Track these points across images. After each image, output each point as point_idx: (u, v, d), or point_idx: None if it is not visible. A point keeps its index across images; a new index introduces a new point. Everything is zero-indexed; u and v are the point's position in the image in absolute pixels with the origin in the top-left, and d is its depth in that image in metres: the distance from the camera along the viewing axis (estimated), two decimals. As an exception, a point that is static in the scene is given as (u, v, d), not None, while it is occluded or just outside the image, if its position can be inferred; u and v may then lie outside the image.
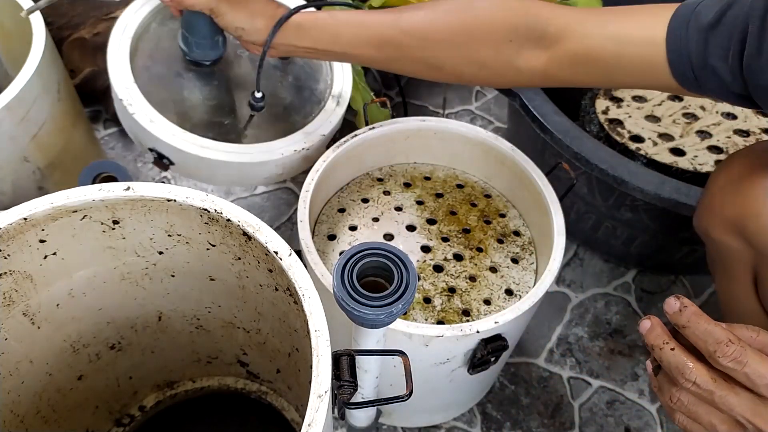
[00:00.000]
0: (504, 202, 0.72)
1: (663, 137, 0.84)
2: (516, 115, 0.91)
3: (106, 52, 0.68)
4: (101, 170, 0.62)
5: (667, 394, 0.41)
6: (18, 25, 0.75)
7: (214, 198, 0.45)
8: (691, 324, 0.38)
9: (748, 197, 0.50)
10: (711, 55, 0.46)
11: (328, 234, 0.68)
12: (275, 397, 0.71)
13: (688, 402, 0.40)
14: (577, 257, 0.94)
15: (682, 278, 0.93)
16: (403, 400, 0.41)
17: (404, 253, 0.39)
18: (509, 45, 0.55)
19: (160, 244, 0.50)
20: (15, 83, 0.66)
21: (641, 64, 0.50)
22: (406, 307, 0.38)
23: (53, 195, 0.43)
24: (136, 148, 1.02)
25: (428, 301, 0.62)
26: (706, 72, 0.47)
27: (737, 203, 0.51)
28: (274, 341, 0.58)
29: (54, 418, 0.58)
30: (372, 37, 0.58)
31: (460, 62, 0.58)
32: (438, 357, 0.58)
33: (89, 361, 0.59)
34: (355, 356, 0.40)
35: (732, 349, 0.37)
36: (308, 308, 0.40)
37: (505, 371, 0.82)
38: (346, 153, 0.68)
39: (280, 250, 0.43)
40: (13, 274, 0.45)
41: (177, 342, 0.64)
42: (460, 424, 0.77)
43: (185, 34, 0.68)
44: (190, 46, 0.68)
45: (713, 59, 0.46)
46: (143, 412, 0.69)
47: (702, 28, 0.46)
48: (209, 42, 0.68)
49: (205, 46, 0.68)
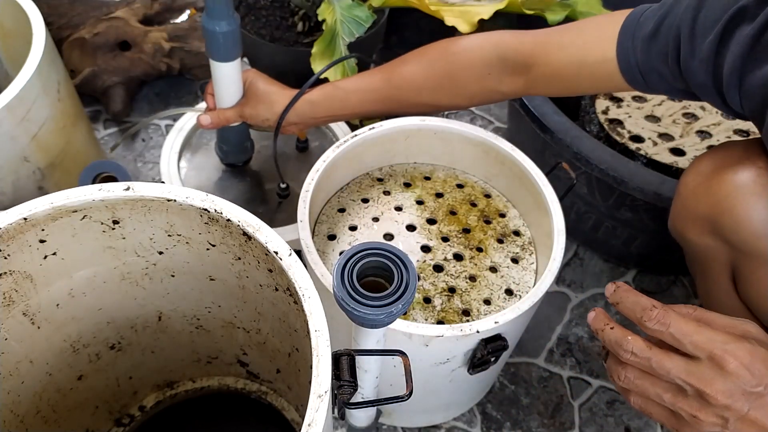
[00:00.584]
0: (504, 202, 0.72)
1: (663, 137, 0.84)
2: (516, 115, 0.91)
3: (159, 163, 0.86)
4: (101, 170, 0.62)
5: (616, 374, 0.43)
6: (18, 25, 0.75)
7: (214, 198, 0.45)
8: (622, 299, 0.43)
9: (720, 194, 0.52)
10: (654, 61, 0.52)
11: (328, 234, 0.68)
12: (275, 397, 0.71)
13: (634, 377, 0.42)
14: (577, 257, 0.94)
15: (682, 278, 0.93)
16: (403, 400, 0.41)
17: (404, 253, 0.39)
18: (489, 77, 0.63)
19: (160, 244, 0.50)
20: (15, 83, 0.66)
21: (599, 77, 0.57)
22: (406, 307, 0.38)
23: (53, 195, 0.43)
24: (136, 148, 1.02)
25: (428, 301, 0.62)
26: (653, 75, 0.54)
27: (710, 202, 0.53)
28: (274, 341, 0.58)
29: (54, 418, 0.58)
30: (374, 98, 0.68)
31: (452, 99, 0.67)
32: (438, 357, 0.58)
33: (89, 361, 0.59)
34: (355, 356, 0.40)
35: (655, 313, 0.40)
36: (308, 308, 0.40)
37: (505, 371, 0.82)
38: (346, 153, 0.68)
39: (280, 250, 0.43)
40: (13, 274, 0.45)
41: (177, 342, 0.64)
42: (460, 424, 0.77)
43: (220, 145, 0.83)
44: (226, 154, 0.84)
45: (656, 64, 0.52)
46: (143, 412, 0.69)
47: (644, 38, 0.52)
48: (240, 148, 0.83)
49: (237, 151, 0.84)
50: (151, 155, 1.02)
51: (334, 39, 0.81)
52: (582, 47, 0.57)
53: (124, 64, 1.00)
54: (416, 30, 1.15)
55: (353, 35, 0.81)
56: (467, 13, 0.83)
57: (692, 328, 0.39)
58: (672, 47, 0.51)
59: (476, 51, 0.62)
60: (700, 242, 0.56)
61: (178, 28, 1.03)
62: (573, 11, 0.82)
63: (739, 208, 0.52)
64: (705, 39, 0.48)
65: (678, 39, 0.50)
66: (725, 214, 0.52)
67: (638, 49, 0.53)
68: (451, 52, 0.64)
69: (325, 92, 0.69)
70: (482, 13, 0.83)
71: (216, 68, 0.69)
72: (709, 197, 0.53)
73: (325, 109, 0.69)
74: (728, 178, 0.52)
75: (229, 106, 0.74)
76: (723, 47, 0.47)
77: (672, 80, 0.53)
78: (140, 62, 1.01)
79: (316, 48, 0.81)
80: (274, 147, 0.76)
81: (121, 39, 1.00)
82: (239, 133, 0.80)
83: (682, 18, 0.49)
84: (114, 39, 0.99)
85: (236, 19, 0.65)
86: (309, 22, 0.93)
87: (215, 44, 0.66)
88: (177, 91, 1.11)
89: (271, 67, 0.97)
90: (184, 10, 1.08)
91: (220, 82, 0.71)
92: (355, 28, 0.82)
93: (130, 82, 1.02)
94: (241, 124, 0.77)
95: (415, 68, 0.66)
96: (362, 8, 0.82)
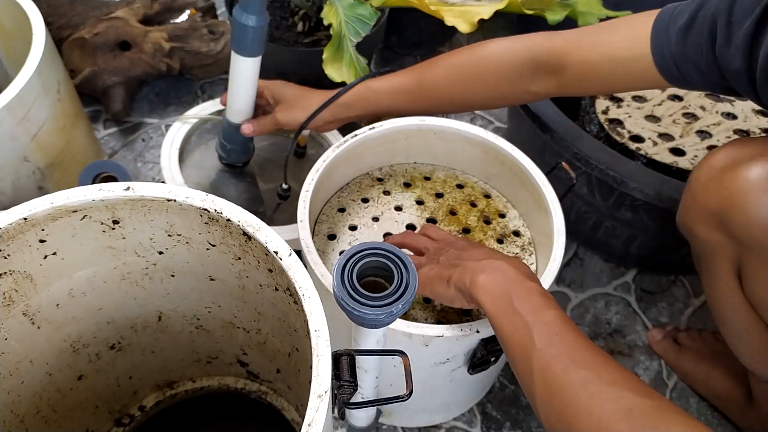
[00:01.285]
0: (504, 202, 0.72)
1: (663, 137, 0.84)
2: (516, 115, 0.91)
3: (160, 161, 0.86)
4: (101, 170, 0.62)
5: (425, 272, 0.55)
6: (18, 25, 0.75)
7: (214, 198, 0.45)
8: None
9: (732, 189, 0.52)
10: (689, 52, 0.53)
11: (328, 234, 0.68)
12: (275, 397, 0.71)
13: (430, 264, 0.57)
14: (577, 257, 0.94)
15: (682, 278, 0.93)
16: (403, 400, 0.41)
17: (404, 253, 0.39)
18: (521, 78, 0.64)
19: (160, 244, 0.50)
20: (15, 83, 0.66)
21: (634, 73, 0.58)
22: (406, 307, 0.38)
23: (53, 195, 0.43)
24: (136, 148, 1.02)
25: (428, 301, 0.62)
26: (688, 67, 0.54)
27: (721, 196, 0.53)
28: (274, 341, 0.58)
29: (54, 418, 0.58)
30: (406, 99, 0.70)
31: (484, 101, 0.69)
32: (438, 357, 0.58)
33: (89, 361, 0.59)
34: (355, 356, 0.40)
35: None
36: (308, 308, 0.40)
37: (505, 371, 0.82)
38: (346, 153, 0.68)
39: (280, 250, 0.43)
40: (13, 274, 0.45)
41: (177, 342, 0.64)
42: (460, 424, 0.77)
43: (223, 143, 0.82)
44: (228, 153, 0.83)
45: (692, 55, 0.53)
46: (143, 412, 0.69)
47: (679, 30, 0.53)
48: (244, 147, 0.83)
49: (240, 151, 0.83)
50: (151, 155, 1.02)
51: (342, 41, 0.81)
52: (615, 44, 0.58)
53: (124, 64, 1.00)
54: (416, 30, 1.15)
55: (359, 35, 0.81)
56: (467, 13, 0.83)
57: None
58: (707, 36, 0.51)
59: (507, 53, 0.64)
60: (707, 237, 0.56)
61: (178, 28, 1.03)
62: (573, 11, 0.82)
63: (751, 204, 0.51)
64: (741, 26, 0.48)
65: (714, 28, 0.50)
66: (735, 210, 0.52)
67: (673, 42, 0.53)
68: (480, 56, 0.66)
69: (359, 94, 0.72)
70: (482, 13, 0.83)
71: (239, 62, 0.71)
72: (721, 192, 0.53)
73: (359, 109, 0.73)
74: (741, 174, 0.52)
75: (245, 102, 0.76)
76: (760, 33, 0.47)
77: (707, 71, 0.53)
78: (140, 62, 1.01)
79: (327, 53, 0.81)
80: (292, 147, 0.80)
81: (121, 39, 1.00)
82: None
83: (718, 7, 0.50)
84: (114, 39, 0.99)
85: (266, 17, 0.67)
86: (309, 22, 0.93)
87: (244, 38, 0.68)
88: (177, 91, 1.11)
89: (271, 67, 0.96)
90: (184, 10, 1.08)
91: (239, 78, 0.73)
92: (361, 27, 0.81)
93: (130, 82, 1.02)
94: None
95: (445, 71, 0.68)
96: (365, 6, 0.82)
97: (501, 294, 0.48)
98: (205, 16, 1.09)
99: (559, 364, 0.43)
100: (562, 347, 0.44)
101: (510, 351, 0.48)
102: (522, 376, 0.46)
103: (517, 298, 0.48)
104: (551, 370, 0.43)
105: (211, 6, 1.11)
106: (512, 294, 0.48)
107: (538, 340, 0.45)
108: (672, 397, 0.81)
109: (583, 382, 0.41)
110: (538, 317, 0.46)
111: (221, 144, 0.83)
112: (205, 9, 1.10)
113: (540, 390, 0.44)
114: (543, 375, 0.44)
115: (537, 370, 0.44)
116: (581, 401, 0.41)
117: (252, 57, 0.70)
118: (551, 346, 0.44)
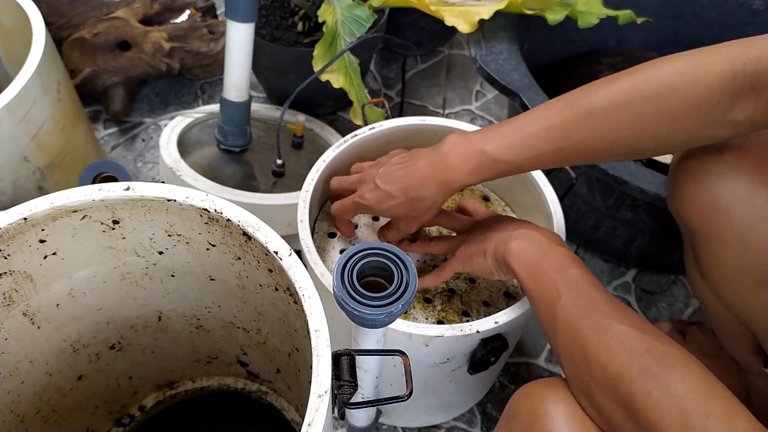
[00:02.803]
0: (503, 206, 0.73)
1: (663, 137, 0.84)
2: (516, 114, 0.91)
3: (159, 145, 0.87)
4: (101, 170, 0.62)
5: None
6: (18, 25, 0.75)
7: (214, 198, 0.45)
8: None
9: (678, 179, 0.57)
10: None
11: (328, 231, 0.68)
12: (275, 397, 0.71)
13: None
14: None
15: (682, 278, 0.93)
16: (403, 400, 0.41)
17: (404, 253, 0.39)
18: (718, 106, 0.46)
19: (160, 244, 0.50)
20: (15, 83, 0.66)
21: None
22: (406, 307, 0.38)
23: (53, 195, 0.43)
24: (136, 148, 1.02)
25: (428, 301, 0.62)
26: None
27: (672, 184, 0.59)
28: (274, 341, 0.58)
29: (54, 418, 0.58)
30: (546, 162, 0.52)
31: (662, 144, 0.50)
32: (438, 357, 0.58)
33: (89, 361, 0.59)
34: (355, 356, 0.40)
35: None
36: (308, 308, 0.40)
37: (505, 371, 0.82)
38: (346, 153, 0.68)
39: (280, 250, 0.43)
40: (13, 274, 0.45)
41: (177, 342, 0.64)
42: (460, 424, 0.77)
43: (220, 125, 0.83)
44: (225, 135, 0.83)
45: None
46: (143, 412, 0.69)
47: None
48: (240, 130, 0.83)
49: (237, 134, 0.83)
50: (151, 155, 1.02)
51: (335, 40, 0.81)
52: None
53: (124, 64, 1.00)
54: (416, 30, 1.15)
55: (354, 35, 0.81)
56: (467, 13, 0.83)
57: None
58: None
59: (698, 74, 0.45)
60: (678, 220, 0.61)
61: (178, 28, 1.03)
62: (573, 11, 0.82)
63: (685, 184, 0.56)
64: None
65: None
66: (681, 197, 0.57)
67: None
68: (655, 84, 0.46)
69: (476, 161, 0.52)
70: (482, 13, 0.83)
71: (232, 30, 0.72)
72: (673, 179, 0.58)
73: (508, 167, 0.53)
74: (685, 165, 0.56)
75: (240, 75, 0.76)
76: None
77: None
78: (140, 62, 1.01)
79: (318, 50, 0.81)
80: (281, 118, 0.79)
81: (121, 39, 1.00)
82: (241, 112, 0.82)
83: None
84: (114, 39, 0.99)
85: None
86: (309, 22, 0.93)
87: (237, 1, 0.70)
88: (177, 91, 1.11)
89: (271, 67, 0.97)
90: (184, 10, 1.08)
91: (233, 47, 0.74)
92: (356, 28, 0.82)
93: (130, 82, 1.02)
94: (244, 102, 0.80)
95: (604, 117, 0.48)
96: (363, 8, 0.82)
97: (532, 258, 0.50)
98: (205, 16, 1.09)
99: (582, 311, 0.45)
100: (585, 299, 0.46)
101: (537, 307, 0.50)
102: (547, 330, 0.48)
103: (546, 260, 0.50)
104: (574, 316, 0.45)
105: (211, 6, 1.11)
106: (542, 257, 0.50)
107: (563, 293, 0.47)
108: (672, 397, 0.81)
109: (603, 325, 0.43)
110: (563, 275, 0.48)
111: (219, 127, 0.84)
112: (205, 9, 1.10)
113: (563, 335, 0.46)
114: (566, 321, 0.46)
115: (561, 317, 0.46)
116: (602, 339, 0.43)
117: (245, 23, 0.71)
118: (575, 298, 0.46)
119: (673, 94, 0.46)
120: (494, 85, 0.80)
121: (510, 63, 0.81)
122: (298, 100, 0.83)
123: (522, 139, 0.51)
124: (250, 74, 0.78)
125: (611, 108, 0.47)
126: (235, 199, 0.79)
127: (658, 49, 1.04)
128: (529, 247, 0.51)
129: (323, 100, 1.02)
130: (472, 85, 1.19)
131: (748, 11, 1.00)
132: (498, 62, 0.81)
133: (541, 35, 0.95)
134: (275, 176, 0.85)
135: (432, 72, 1.20)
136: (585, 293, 0.46)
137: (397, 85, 1.15)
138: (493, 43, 0.83)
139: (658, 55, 0.51)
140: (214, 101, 1.08)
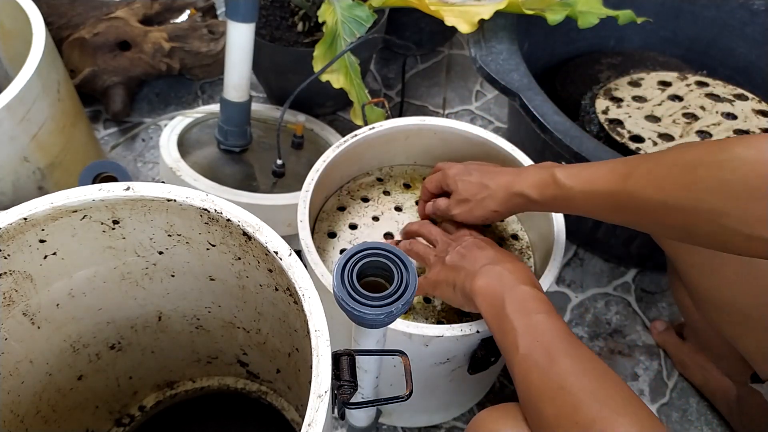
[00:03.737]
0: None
1: (663, 137, 0.84)
2: (516, 115, 0.91)
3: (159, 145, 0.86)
4: (101, 170, 0.62)
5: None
6: (18, 25, 0.75)
7: (214, 198, 0.45)
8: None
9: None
10: None
11: (328, 231, 0.68)
12: (275, 397, 0.71)
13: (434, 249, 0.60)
14: (577, 257, 0.94)
15: (682, 278, 0.93)
16: (403, 400, 0.41)
17: (404, 253, 0.39)
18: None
19: (160, 244, 0.50)
20: (15, 83, 0.66)
21: None
22: (406, 307, 0.38)
23: (53, 195, 0.43)
24: (136, 148, 1.02)
25: (428, 301, 0.62)
26: None
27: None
28: (274, 341, 0.58)
29: (54, 418, 0.58)
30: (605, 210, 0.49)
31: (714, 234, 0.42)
32: (438, 357, 0.58)
33: (89, 361, 0.59)
34: (355, 356, 0.40)
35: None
36: (308, 308, 0.40)
37: (505, 371, 0.82)
38: (346, 153, 0.68)
39: (280, 250, 0.43)
40: (13, 274, 0.45)
41: (177, 342, 0.64)
42: (460, 424, 0.77)
43: (221, 125, 0.83)
44: (226, 135, 0.83)
45: None
46: (143, 412, 0.69)
47: None
48: (240, 130, 0.83)
49: (237, 134, 0.83)
50: (151, 155, 1.02)
51: (336, 40, 0.81)
52: None
53: (124, 64, 1.00)
54: (416, 30, 1.15)
55: (354, 35, 0.81)
56: (467, 13, 0.83)
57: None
58: None
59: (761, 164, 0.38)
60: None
61: (178, 28, 1.03)
62: (573, 11, 0.82)
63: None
64: None
65: None
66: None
67: None
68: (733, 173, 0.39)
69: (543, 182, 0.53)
70: (482, 13, 0.83)
71: (233, 30, 0.73)
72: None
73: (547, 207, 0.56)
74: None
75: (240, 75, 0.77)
76: None
77: None
78: (140, 62, 1.01)
79: (318, 50, 0.81)
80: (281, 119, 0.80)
81: (121, 39, 1.00)
82: (241, 112, 0.82)
83: None
84: (114, 39, 0.99)
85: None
86: (309, 22, 0.93)
87: (237, 1, 0.70)
88: (177, 91, 1.11)
89: (272, 68, 0.97)
90: (184, 10, 1.08)
91: (233, 47, 0.74)
92: (356, 28, 0.82)
93: (130, 82, 1.02)
94: (244, 102, 0.80)
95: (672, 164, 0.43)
96: (363, 8, 0.82)
97: (496, 299, 0.50)
98: (205, 16, 1.09)
99: (537, 367, 0.44)
100: (541, 353, 0.45)
101: (500, 348, 0.49)
102: (509, 369, 0.48)
103: (510, 302, 0.49)
104: (530, 371, 0.45)
105: (211, 6, 1.11)
106: (506, 299, 0.49)
107: (521, 345, 0.46)
108: (672, 397, 0.81)
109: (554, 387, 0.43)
110: (525, 320, 0.47)
111: (219, 127, 0.84)
112: (205, 9, 1.10)
113: (519, 385, 0.46)
114: (522, 374, 0.45)
115: (517, 365, 0.46)
116: (554, 404, 0.42)
117: (246, 23, 0.71)
118: (532, 351, 0.45)
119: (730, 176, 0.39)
120: (494, 85, 0.80)
121: (510, 63, 0.81)
122: (298, 100, 0.83)
123: (586, 170, 0.50)
124: (250, 74, 0.78)
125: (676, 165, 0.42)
126: (235, 199, 0.79)
127: (658, 49, 1.04)
128: (495, 286, 0.50)
129: (323, 100, 1.02)
130: (472, 85, 1.19)
131: (748, 11, 1.00)
132: (498, 62, 0.81)
133: (541, 35, 0.95)
134: (275, 176, 0.85)
135: (432, 72, 1.20)
136: (542, 346, 0.45)
137: (397, 85, 1.15)
138: (493, 43, 0.83)
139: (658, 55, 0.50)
140: (214, 101, 1.08)
